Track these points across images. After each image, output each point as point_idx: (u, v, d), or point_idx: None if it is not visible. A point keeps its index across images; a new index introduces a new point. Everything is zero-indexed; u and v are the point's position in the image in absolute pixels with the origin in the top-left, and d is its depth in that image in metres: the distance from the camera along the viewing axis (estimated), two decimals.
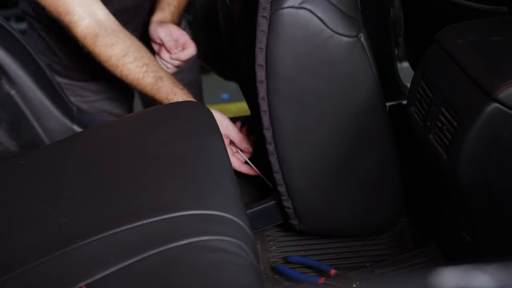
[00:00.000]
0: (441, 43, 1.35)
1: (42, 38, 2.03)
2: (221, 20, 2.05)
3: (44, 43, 2.03)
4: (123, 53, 1.72)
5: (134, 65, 1.72)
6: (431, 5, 1.71)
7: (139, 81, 1.72)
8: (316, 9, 1.39)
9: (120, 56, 1.72)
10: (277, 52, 1.42)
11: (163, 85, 1.71)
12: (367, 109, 1.50)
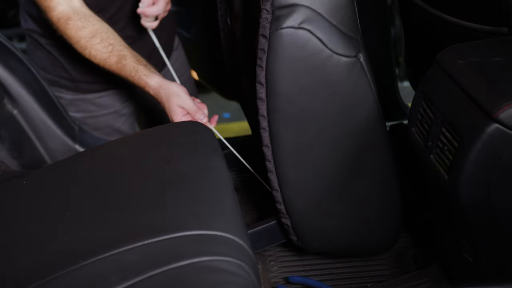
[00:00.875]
0: (442, 64, 1.36)
1: (49, 53, 2.04)
2: (223, 40, 2.06)
3: (50, 59, 2.05)
4: (91, 35, 1.81)
5: (101, 45, 1.80)
6: (431, 25, 1.72)
7: (106, 60, 1.81)
8: (315, 30, 1.39)
9: (89, 38, 1.81)
10: (276, 71, 1.43)
11: (127, 64, 1.79)
12: (366, 129, 1.50)
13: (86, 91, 2.08)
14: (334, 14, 1.40)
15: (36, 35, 2.04)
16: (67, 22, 1.80)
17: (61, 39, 1.95)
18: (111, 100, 2.12)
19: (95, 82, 2.06)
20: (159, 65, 2.11)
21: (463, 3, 1.57)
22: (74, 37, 1.81)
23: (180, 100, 1.72)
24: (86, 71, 2.04)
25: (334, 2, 1.40)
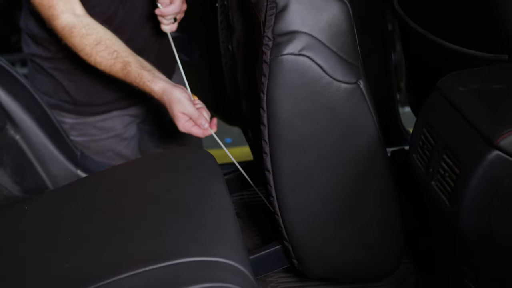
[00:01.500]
0: (442, 91, 1.37)
1: (51, 77, 2.06)
2: (224, 66, 2.08)
3: (53, 82, 2.07)
4: (95, 42, 1.82)
5: (106, 52, 1.81)
6: (432, 52, 1.73)
7: (111, 67, 1.82)
8: (315, 56, 1.40)
9: (93, 45, 1.82)
10: (277, 97, 1.44)
11: (131, 70, 1.80)
12: (367, 155, 1.50)
13: (88, 114, 2.10)
14: (334, 41, 1.41)
15: (38, 59, 2.06)
16: (71, 30, 1.81)
17: (63, 62, 1.97)
18: (112, 124, 2.13)
19: (97, 105, 2.08)
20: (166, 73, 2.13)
21: (463, 30, 1.58)
22: (79, 44, 1.82)
23: (181, 106, 1.74)
24: (88, 93, 2.06)
25: (335, 29, 1.41)
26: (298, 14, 1.38)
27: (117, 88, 2.07)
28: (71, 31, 1.82)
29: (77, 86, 2.05)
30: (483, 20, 1.46)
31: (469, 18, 1.53)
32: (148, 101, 2.18)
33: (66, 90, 2.05)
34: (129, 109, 2.15)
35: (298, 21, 1.38)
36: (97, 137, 2.13)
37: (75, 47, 1.83)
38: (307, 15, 1.38)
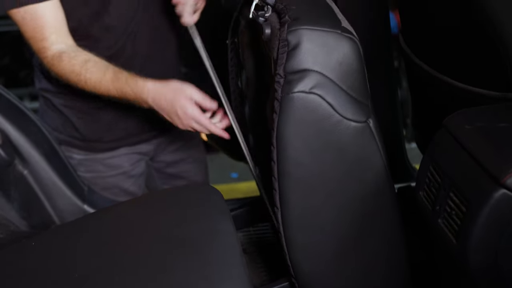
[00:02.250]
0: (449, 129, 1.38)
1: (60, 113, 2.08)
2: (233, 102, 2.09)
3: (62, 118, 2.09)
4: (84, 61, 1.82)
5: (95, 68, 1.81)
6: (438, 90, 1.74)
7: (102, 79, 1.80)
8: (325, 95, 1.41)
9: (83, 63, 1.81)
10: (287, 134, 1.45)
11: (122, 76, 1.79)
12: (375, 193, 1.51)
13: (96, 150, 2.11)
14: (345, 80, 1.42)
15: (49, 94, 2.08)
16: (60, 56, 1.82)
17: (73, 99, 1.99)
18: (120, 161, 2.14)
19: (105, 141, 2.09)
20: None
21: (469, 68, 1.59)
22: (68, 66, 1.82)
23: (187, 91, 1.75)
24: (96, 130, 2.07)
25: (345, 68, 1.42)
26: (309, 53, 1.40)
27: (125, 125, 2.09)
28: (60, 56, 1.82)
29: (85, 123, 2.07)
30: (489, 58, 1.47)
31: (475, 56, 1.55)
32: (157, 139, 2.20)
33: (75, 126, 2.07)
34: (138, 146, 2.16)
35: (309, 60, 1.40)
36: (104, 174, 2.14)
37: (64, 70, 1.82)
38: (319, 54, 1.40)
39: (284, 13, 1.45)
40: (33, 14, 1.80)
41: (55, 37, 1.82)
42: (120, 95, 1.80)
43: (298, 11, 1.44)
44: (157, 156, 2.28)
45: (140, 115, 2.11)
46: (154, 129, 2.17)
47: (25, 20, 1.81)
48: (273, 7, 1.52)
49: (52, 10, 1.82)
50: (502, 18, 1.34)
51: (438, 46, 1.71)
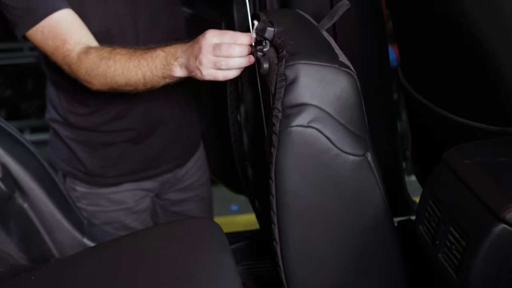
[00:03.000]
0: (448, 163, 1.38)
1: (67, 146, 2.09)
2: (232, 136, 2.10)
3: (69, 151, 2.10)
4: (112, 48, 1.80)
5: (125, 49, 1.78)
6: (437, 124, 1.74)
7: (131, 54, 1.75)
8: (324, 128, 1.42)
9: (111, 49, 1.79)
10: (285, 168, 1.45)
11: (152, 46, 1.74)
12: (374, 226, 1.51)
13: (100, 185, 2.11)
14: (342, 114, 1.43)
15: (57, 126, 2.10)
16: (88, 51, 1.81)
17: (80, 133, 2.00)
18: (124, 197, 2.14)
19: (110, 176, 2.10)
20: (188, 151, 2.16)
21: (468, 103, 1.60)
22: (97, 55, 1.79)
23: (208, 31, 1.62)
24: (101, 165, 2.08)
25: (343, 102, 1.43)
26: (307, 87, 1.40)
27: (130, 161, 2.10)
28: (88, 51, 1.81)
29: (91, 157, 2.08)
30: (487, 94, 1.48)
31: (474, 91, 1.55)
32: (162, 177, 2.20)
33: (80, 159, 2.08)
34: (142, 183, 2.16)
35: (307, 94, 1.41)
36: (107, 209, 2.14)
37: (94, 60, 1.79)
38: (316, 88, 1.41)
39: (282, 48, 1.46)
40: (50, 25, 1.82)
41: (77, 37, 1.83)
42: (150, 66, 1.71)
43: (296, 46, 1.45)
44: (163, 194, 2.28)
45: (145, 152, 2.12)
46: (159, 167, 2.17)
47: (44, 34, 1.83)
48: (271, 42, 1.54)
49: (68, 16, 1.84)
50: (501, 55, 1.35)
51: (436, 81, 1.72)
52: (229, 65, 1.60)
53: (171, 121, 2.13)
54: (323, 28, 1.58)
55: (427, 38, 1.67)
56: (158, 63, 1.69)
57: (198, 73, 1.62)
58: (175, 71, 1.67)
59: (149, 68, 1.71)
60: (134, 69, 1.73)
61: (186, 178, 2.27)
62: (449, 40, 1.54)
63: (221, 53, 1.58)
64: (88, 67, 1.79)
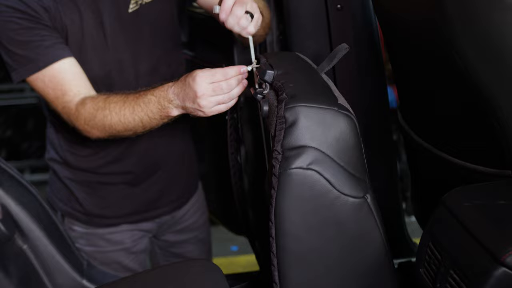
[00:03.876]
0: (447, 206, 1.38)
1: (66, 186, 2.10)
2: (232, 177, 2.10)
3: (67, 191, 2.10)
4: (107, 95, 1.81)
5: (117, 96, 1.80)
6: (436, 166, 1.75)
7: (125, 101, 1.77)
8: (323, 171, 1.42)
9: (105, 98, 1.80)
10: (285, 210, 1.45)
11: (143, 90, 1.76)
12: (373, 268, 1.50)
13: (98, 225, 2.11)
14: (342, 156, 1.43)
15: (56, 166, 2.11)
16: (83, 102, 1.82)
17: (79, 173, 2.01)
18: (121, 237, 2.14)
19: (108, 217, 2.10)
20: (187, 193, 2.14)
21: (467, 146, 1.60)
22: (92, 106, 1.80)
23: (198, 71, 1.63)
24: (100, 206, 2.08)
25: (342, 144, 1.43)
26: (306, 130, 1.41)
27: (128, 203, 2.10)
28: (84, 102, 1.82)
29: (89, 198, 2.08)
30: (486, 138, 1.49)
31: (472, 135, 1.56)
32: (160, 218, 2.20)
33: (79, 200, 2.09)
34: (140, 224, 2.16)
35: (306, 136, 1.41)
36: (104, 249, 2.14)
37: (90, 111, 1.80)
38: (316, 131, 1.41)
39: (281, 91, 1.47)
40: (51, 75, 1.83)
41: (77, 88, 1.84)
42: (145, 111, 1.74)
43: (295, 89, 1.46)
44: (161, 235, 2.28)
45: (144, 194, 2.12)
46: (157, 209, 2.17)
47: (45, 83, 1.84)
48: (271, 85, 1.55)
49: (69, 66, 1.85)
50: (500, 101, 1.36)
51: (435, 124, 1.73)
52: (231, 97, 1.64)
53: (169, 164, 2.14)
54: (323, 71, 1.59)
55: (425, 85, 1.68)
56: (152, 107, 1.72)
57: (200, 113, 1.65)
58: (172, 112, 1.70)
59: (145, 113, 1.74)
60: (131, 115, 1.76)
61: (184, 219, 2.27)
62: (448, 87, 1.55)
63: (223, 91, 1.61)
64: (86, 118, 1.82)
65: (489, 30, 1.32)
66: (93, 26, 1.90)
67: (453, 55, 1.38)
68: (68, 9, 1.87)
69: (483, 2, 1.31)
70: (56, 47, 1.84)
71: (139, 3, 1.94)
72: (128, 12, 1.94)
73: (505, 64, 1.32)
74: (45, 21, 1.83)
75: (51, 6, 1.84)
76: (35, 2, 1.81)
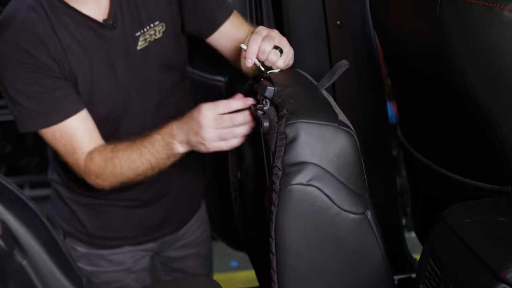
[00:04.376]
0: (448, 222, 1.38)
1: (68, 206, 2.09)
2: (232, 193, 2.10)
3: (70, 211, 2.10)
4: (113, 145, 1.80)
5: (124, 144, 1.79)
6: (436, 182, 1.75)
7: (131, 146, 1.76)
8: (323, 187, 1.42)
9: (112, 147, 1.80)
10: (285, 226, 1.45)
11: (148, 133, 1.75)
12: (374, 284, 1.50)
13: (100, 246, 2.11)
14: (342, 172, 1.44)
15: (58, 186, 2.10)
16: (92, 156, 1.80)
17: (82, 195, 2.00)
18: (123, 257, 2.13)
19: (110, 239, 2.09)
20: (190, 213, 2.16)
21: (467, 163, 1.61)
22: (101, 158, 1.79)
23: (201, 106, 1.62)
24: (102, 228, 2.08)
25: (342, 161, 1.44)
26: (307, 146, 1.41)
27: (132, 226, 2.10)
28: (92, 156, 1.81)
29: (92, 220, 2.08)
30: (486, 155, 1.49)
31: (472, 151, 1.57)
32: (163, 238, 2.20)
33: (81, 222, 2.08)
34: (142, 245, 2.16)
35: (307, 153, 1.41)
36: (106, 269, 2.13)
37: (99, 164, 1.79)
38: (316, 147, 1.42)
39: (282, 107, 1.48)
40: (63, 131, 1.81)
41: (87, 146, 1.82)
42: (151, 152, 1.73)
43: (296, 105, 1.47)
44: (163, 252, 2.27)
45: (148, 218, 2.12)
46: (160, 230, 2.17)
47: (56, 137, 1.82)
48: (271, 101, 1.55)
49: (81, 121, 1.83)
50: (499, 117, 1.36)
51: (435, 141, 1.73)
52: (234, 134, 1.63)
53: (175, 190, 2.13)
54: (323, 87, 1.60)
55: (425, 101, 1.69)
56: (158, 146, 1.72)
57: (202, 147, 1.64)
58: (176, 148, 1.70)
59: (151, 154, 1.73)
60: (139, 159, 1.75)
61: (186, 236, 2.26)
62: (447, 103, 1.56)
63: (225, 124, 1.60)
64: (97, 172, 1.81)
65: (487, 46, 1.32)
66: (103, 70, 1.88)
67: (452, 72, 1.38)
68: (78, 56, 1.84)
69: (481, 18, 1.32)
70: (67, 99, 1.82)
71: (147, 41, 1.93)
72: (137, 50, 1.92)
73: (504, 80, 1.33)
74: (55, 72, 1.80)
75: (60, 57, 1.81)
76: (43, 54, 1.78)
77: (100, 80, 1.88)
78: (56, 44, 1.80)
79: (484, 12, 1.31)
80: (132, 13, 1.90)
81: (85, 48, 1.85)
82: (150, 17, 1.93)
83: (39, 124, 1.82)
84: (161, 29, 1.95)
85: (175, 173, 2.04)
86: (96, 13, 1.86)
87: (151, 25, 1.93)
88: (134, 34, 1.90)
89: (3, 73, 1.79)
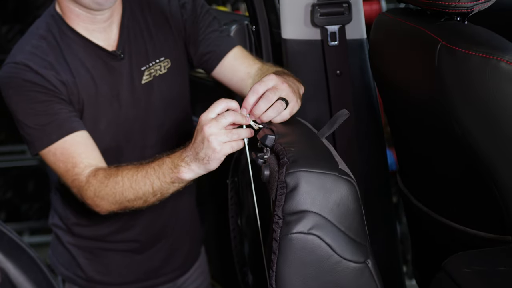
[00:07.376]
0: (448, 271, 1.38)
1: (68, 251, 2.09)
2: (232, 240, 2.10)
3: (69, 256, 2.10)
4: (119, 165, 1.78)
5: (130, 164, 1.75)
6: (437, 230, 1.75)
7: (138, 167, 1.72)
8: (324, 236, 1.42)
9: (117, 167, 1.77)
10: (285, 275, 1.45)
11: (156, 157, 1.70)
12: None
13: None
14: (342, 221, 1.44)
15: (59, 231, 2.11)
16: (96, 173, 1.78)
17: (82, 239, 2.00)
18: None
19: (110, 284, 2.09)
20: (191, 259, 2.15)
21: (467, 212, 1.61)
22: (104, 175, 1.76)
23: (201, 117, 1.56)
24: (102, 273, 2.08)
25: (343, 209, 1.44)
26: (307, 195, 1.41)
27: (131, 270, 2.10)
28: (96, 173, 1.78)
29: (91, 264, 2.08)
30: (486, 204, 1.50)
31: (472, 201, 1.57)
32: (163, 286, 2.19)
33: (81, 266, 2.08)
34: None
35: (307, 201, 1.41)
36: None
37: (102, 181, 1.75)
38: (317, 196, 1.42)
39: (282, 155, 1.48)
40: (63, 148, 1.82)
41: (87, 160, 1.82)
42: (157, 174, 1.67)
43: (296, 153, 1.47)
44: None
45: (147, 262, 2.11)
46: (160, 277, 2.16)
47: (56, 156, 1.83)
48: (271, 149, 1.56)
49: (81, 138, 1.84)
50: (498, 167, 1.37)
51: (435, 190, 1.74)
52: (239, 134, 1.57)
53: (174, 232, 2.13)
54: (323, 136, 1.61)
55: (425, 150, 1.70)
56: (165, 168, 1.66)
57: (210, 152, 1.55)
58: (183, 172, 1.62)
59: (156, 176, 1.67)
60: (142, 179, 1.70)
61: (186, 285, 2.25)
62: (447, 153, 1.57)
63: (226, 120, 1.53)
64: (96, 188, 1.77)
65: (485, 97, 1.34)
66: (109, 98, 1.91)
67: (452, 124, 1.40)
68: (86, 83, 1.88)
69: (478, 69, 1.33)
70: (70, 120, 1.84)
71: (152, 75, 1.96)
72: (141, 84, 1.95)
73: (502, 130, 1.34)
74: (62, 95, 1.84)
75: (69, 81, 1.85)
76: (53, 76, 1.83)
77: (105, 108, 1.91)
78: (65, 69, 1.86)
79: (481, 63, 1.33)
80: (139, 47, 1.95)
81: (92, 75, 1.89)
82: (156, 52, 1.97)
83: (43, 143, 1.83)
84: (166, 65, 1.99)
85: (173, 214, 2.05)
86: (105, 44, 1.92)
87: (157, 60, 1.97)
88: (140, 68, 1.95)
89: (12, 95, 1.83)
